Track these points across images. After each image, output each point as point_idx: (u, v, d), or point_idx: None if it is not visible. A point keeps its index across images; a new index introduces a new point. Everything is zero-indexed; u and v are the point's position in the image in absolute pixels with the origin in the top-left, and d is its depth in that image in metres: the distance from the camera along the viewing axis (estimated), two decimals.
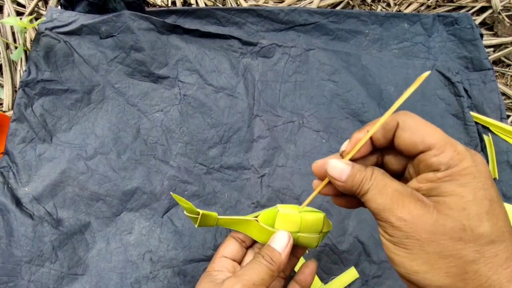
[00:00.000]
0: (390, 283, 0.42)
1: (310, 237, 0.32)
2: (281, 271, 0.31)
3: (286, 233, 0.31)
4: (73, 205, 0.43)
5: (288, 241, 0.30)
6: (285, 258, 0.30)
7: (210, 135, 0.47)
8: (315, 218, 0.31)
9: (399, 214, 0.22)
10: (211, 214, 0.31)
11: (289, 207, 0.32)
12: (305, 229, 0.31)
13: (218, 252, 0.33)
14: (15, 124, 0.46)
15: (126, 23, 0.49)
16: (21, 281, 0.40)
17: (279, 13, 0.55)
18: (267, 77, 0.51)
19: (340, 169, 0.25)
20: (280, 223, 0.31)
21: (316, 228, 0.32)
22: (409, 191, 0.23)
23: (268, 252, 0.30)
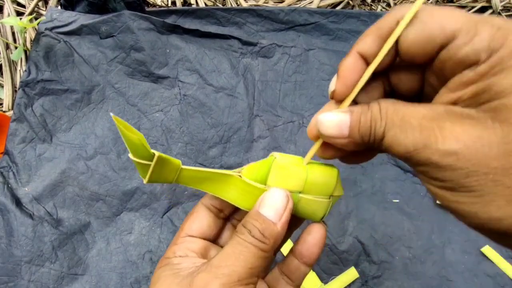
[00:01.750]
0: (389, 283, 0.42)
1: (317, 201, 0.23)
2: (275, 249, 0.22)
3: (283, 191, 0.21)
4: (73, 205, 0.43)
5: (287, 203, 0.21)
6: (283, 230, 0.21)
7: (210, 135, 0.47)
8: (326, 173, 0.23)
9: (443, 147, 0.15)
10: (172, 161, 0.21)
11: (289, 157, 0.23)
12: (311, 189, 0.22)
13: (181, 229, 0.24)
14: (15, 124, 0.46)
15: (126, 23, 0.49)
16: (21, 281, 0.40)
17: (279, 13, 0.55)
18: (267, 77, 0.51)
19: (337, 123, 0.19)
20: (276, 178, 0.22)
21: (327, 188, 0.23)
22: (444, 111, 0.16)
23: (256, 222, 0.20)
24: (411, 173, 0.46)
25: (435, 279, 0.42)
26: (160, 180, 0.22)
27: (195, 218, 0.24)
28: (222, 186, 0.23)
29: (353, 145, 0.19)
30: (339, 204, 0.44)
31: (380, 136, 0.17)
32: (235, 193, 0.23)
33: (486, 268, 0.42)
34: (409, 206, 0.45)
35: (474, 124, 0.15)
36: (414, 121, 0.16)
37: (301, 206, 0.23)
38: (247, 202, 0.22)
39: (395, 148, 0.17)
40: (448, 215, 0.45)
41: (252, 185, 0.22)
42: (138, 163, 0.20)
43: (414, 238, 0.44)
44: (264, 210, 0.21)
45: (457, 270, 0.42)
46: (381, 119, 0.17)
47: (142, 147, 0.20)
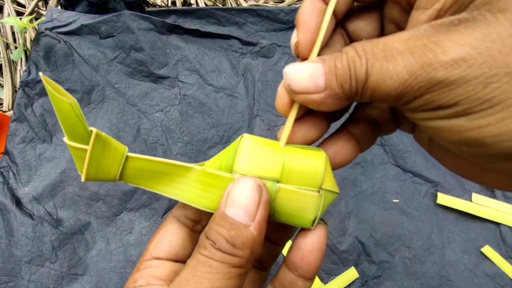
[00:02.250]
0: (389, 283, 0.42)
1: (302, 194, 0.17)
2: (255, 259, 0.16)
3: (252, 180, 0.16)
4: (73, 205, 0.43)
5: (259, 195, 0.16)
6: (259, 233, 0.16)
7: (210, 135, 0.47)
8: (310, 156, 0.17)
9: (447, 57, 0.13)
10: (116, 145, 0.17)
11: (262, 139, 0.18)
12: (291, 177, 0.17)
13: (146, 249, 0.19)
14: (15, 124, 0.46)
15: (126, 23, 0.49)
16: (21, 281, 0.40)
17: (279, 13, 0.55)
18: (267, 77, 0.51)
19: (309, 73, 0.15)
20: (244, 162, 0.17)
21: (313, 177, 0.17)
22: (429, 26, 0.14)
23: (221, 229, 0.15)
24: (411, 173, 0.46)
25: (435, 279, 0.42)
26: (99, 175, 0.17)
27: (163, 235, 0.19)
28: (180, 184, 0.17)
29: (333, 100, 0.15)
30: (339, 204, 0.44)
31: (363, 77, 0.14)
32: (197, 191, 0.17)
33: (486, 268, 0.42)
34: (409, 206, 0.45)
35: (471, 25, 0.13)
36: (400, 46, 0.14)
37: (281, 203, 0.17)
38: (211, 201, 0.17)
39: (384, 85, 0.14)
40: (448, 215, 0.45)
41: (216, 175, 0.17)
42: (74, 148, 0.16)
43: (414, 238, 0.44)
44: (231, 209, 0.15)
45: (457, 270, 0.42)
46: (359, 57, 0.14)
47: (75, 117, 0.15)
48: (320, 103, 0.16)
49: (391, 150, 0.47)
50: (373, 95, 0.14)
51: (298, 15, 0.17)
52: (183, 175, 0.17)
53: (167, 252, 0.18)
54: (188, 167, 0.17)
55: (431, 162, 0.47)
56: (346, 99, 0.15)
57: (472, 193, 0.45)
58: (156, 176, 0.17)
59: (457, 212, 0.45)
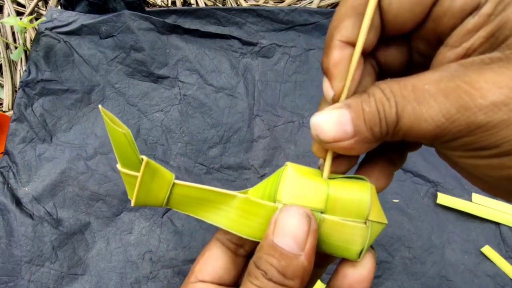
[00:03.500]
0: (389, 283, 0.42)
1: (347, 225, 0.17)
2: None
3: (301, 209, 0.16)
4: (73, 205, 0.43)
5: (308, 224, 0.15)
6: (310, 263, 0.16)
7: (210, 135, 0.47)
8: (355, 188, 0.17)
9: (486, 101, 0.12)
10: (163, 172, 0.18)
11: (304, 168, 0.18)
12: (335, 207, 0.17)
13: (192, 271, 0.19)
14: (15, 124, 0.46)
15: (126, 23, 0.49)
16: (21, 281, 0.40)
17: (279, 13, 0.55)
18: (267, 77, 0.51)
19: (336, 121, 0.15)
20: (289, 192, 0.17)
21: (358, 208, 0.17)
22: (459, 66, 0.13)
23: (272, 259, 0.15)
24: (411, 173, 0.46)
25: (435, 279, 0.42)
26: (148, 200, 0.18)
27: (208, 259, 0.19)
28: (223, 211, 0.18)
29: (362, 145, 0.15)
30: None
31: (394, 120, 0.14)
32: (240, 219, 0.17)
33: (486, 268, 0.42)
34: (409, 206, 0.45)
35: (505, 64, 0.12)
36: (431, 88, 0.13)
37: (327, 233, 0.17)
38: (255, 229, 0.17)
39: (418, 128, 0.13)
40: (448, 215, 0.45)
41: (259, 204, 0.17)
42: (126, 175, 0.17)
43: (414, 238, 0.43)
44: (281, 239, 0.15)
45: (457, 270, 0.42)
46: (387, 99, 0.14)
47: (128, 146, 0.17)
48: (350, 148, 0.15)
49: None
50: (406, 136, 0.14)
51: (328, 64, 0.16)
52: (226, 203, 0.18)
53: (212, 275, 0.19)
54: (232, 195, 0.18)
55: (431, 163, 0.47)
56: (376, 141, 0.15)
57: (472, 193, 0.45)
58: (200, 202, 0.18)
59: (457, 212, 0.45)
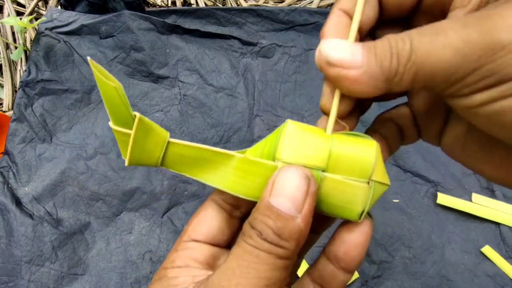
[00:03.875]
0: (389, 283, 0.42)
1: (349, 184, 0.16)
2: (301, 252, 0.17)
3: (300, 169, 0.15)
4: (73, 205, 0.43)
5: (307, 186, 0.15)
6: (306, 226, 0.15)
7: (210, 135, 0.47)
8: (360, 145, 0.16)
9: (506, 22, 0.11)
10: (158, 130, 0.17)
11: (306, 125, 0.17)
12: (338, 166, 0.16)
13: (185, 230, 0.19)
14: (15, 124, 0.46)
15: (126, 23, 0.49)
16: (21, 281, 0.40)
17: (279, 13, 0.55)
18: (267, 77, 0.51)
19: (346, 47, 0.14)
20: (289, 150, 0.16)
21: (362, 167, 0.16)
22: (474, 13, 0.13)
23: (268, 219, 0.15)
24: (411, 173, 0.46)
25: (435, 279, 0.42)
26: (142, 159, 0.17)
27: (202, 218, 0.19)
28: (220, 171, 0.17)
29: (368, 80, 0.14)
30: None
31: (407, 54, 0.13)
32: (238, 180, 0.17)
33: (486, 268, 0.42)
34: (409, 206, 0.45)
35: None
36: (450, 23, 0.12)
37: (327, 192, 0.16)
38: (254, 189, 0.16)
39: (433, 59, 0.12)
40: (448, 215, 0.45)
41: (257, 163, 0.16)
42: (119, 133, 0.16)
43: (414, 238, 0.44)
44: (277, 199, 0.15)
45: (457, 270, 0.42)
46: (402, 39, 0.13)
47: (120, 101, 0.15)
48: (355, 80, 0.14)
49: None
50: (419, 72, 0.13)
51: (324, 28, 0.16)
52: (223, 163, 0.17)
53: (205, 235, 0.18)
54: (229, 154, 0.17)
55: (431, 162, 0.47)
56: (385, 81, 0.14)
57: (472, 193, 0.45)
58: (197, 162, 0.17)
59: (457, 212, 0.45)
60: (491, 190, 0.46)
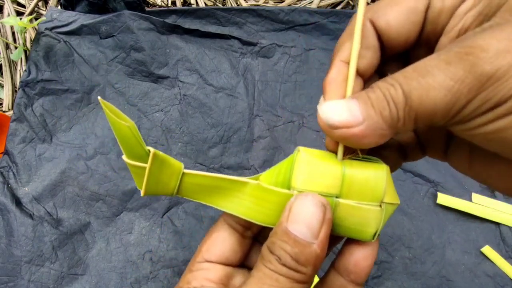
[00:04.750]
0: (389, 283, 0.42)
1: (362, 209, 0.17)
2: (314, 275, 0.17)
3: (317, 197, 0.16)
4: (73, 205, 0.43)
5: (324, 212, 0.16)
6: (323, 251, 0.16)
7: (210, 135, 0.47)
8: (371, 170, 0.17)
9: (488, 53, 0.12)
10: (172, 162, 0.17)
11: (317, 151, 0.18)
12: (351, 191, 0.17)
13: (199, 251, 0.19)
14: (15, 124, 0.46)
15: (126, 23, 0.49)
16: (21, 281, 0.40)
17: (279, 13, 0.55)
18: (267, 77, 0.51)
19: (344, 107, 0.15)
20: (303, 178, 0.17)
21: (373, 191, 0.17)
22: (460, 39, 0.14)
23: (285, 245, 0.15)
24: (411, 173, 0.46)
25: (435, 279, 0.42)
26: (158, 190, 0.18)
27: (215, 240, 0.19)
28: (235, 198, 0.18)
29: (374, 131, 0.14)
30: None
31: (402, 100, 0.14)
32: (253, 206, 0.17)
33: (486, 268, 0.42)
34: (409, 206, 0.45)
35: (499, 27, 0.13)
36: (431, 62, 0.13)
37: (341, 217, 0.17)
38: (269, 216, 0.17)
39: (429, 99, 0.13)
40: (448, 215, 0.45)
41: (273, 191, 0.17)
42: (133, 166, 0.17)
43: (414, 238, 0.44)
44: (295, 226, 0.15)
45: (457, 270, 0.42)
46: (391, 84, 0.14)
47: (134, 139, 0.16)
48: (362, 136, 0.14)
49: None
50: (419, 115, 0.14)
51: (325, 81, 0.17)
52: (238, 189, 0.18)
53: (219, 256, 0.19)
54: (243, 181, 0.18)
55: (431, 162, 0.47)
56: (389, 129, 0.14)
57: (472, 193, 0.45)
58: (212, 190, 0.18)
59: (457, 212, 0.45)
60: (491, 190, 0.46)
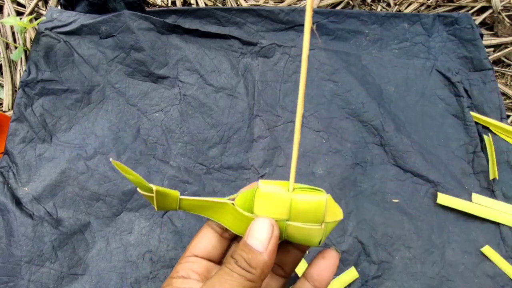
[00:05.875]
0: (389, 283, 0.42)
1: (306, 228, 0.22)
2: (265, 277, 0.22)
3: (268, 220, 0.22)
4: (73, 205, 0.43)
5: (271, 232, 0.21)
6: (270, 259, 0.21)
7: (210, 135, 0.47)
8: (312, 202, 0.22)
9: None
10: (171, 192, 0.24)
11: (275, 184, 0.23)
12: (297, 216, 0.22)
13: (187, 248, 0.25)
14: (15, 124, 0.46)
15: (126, 23, 0.49)
16: (21, 281, 0.40)
17: (279, 13, 0.55)
18: (267, 77, 0.51)
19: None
20: (261, 206, 0.22)
21: (315, 216, 0.22)
22: None
23: (243, 253, 0.21)
24: (411, 173, 0.46)
25: (435, 279, 0.42)
26: (166, 207, 0.24)
27: (200, 238, 0.25)
28: (221, 213, 0.24)
29: None
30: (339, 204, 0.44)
31: None
32: (231, 220, 0.24)
33: (486, 268, 0.42)
34: (409, 206, 0.45)
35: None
36: None
37: (292, 233, 0.22)
38: (242, 228, 0.23)
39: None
40: (448, 215, 0.45)
41: (241, 213, 0.23)
42: (144, 195, 0.24)
43: (414, 238, 0.44)
44: (251, 240, 0.21)
45: (457, 270, 0.42)
46: None
47: (142, 183, 0.23)
48: None
49: (391, 150, 0.47)
50: None
51: None
52: (221, 207, 0.24)
53: (202, 251, 0.25)
54: (224, 203, 0.24)
55: (431, 162, 0.47)
56: None
57: (472, 193, 0.45)
58: (203, 207, 0.24)
59: (457, 212, 0.45)
60: (491, 190, 0.46)
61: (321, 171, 0.46)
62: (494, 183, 0.46)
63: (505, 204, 0.45)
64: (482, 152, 0.48)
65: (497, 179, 0.47)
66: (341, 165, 0.47)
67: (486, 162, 0.47)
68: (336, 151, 0.47)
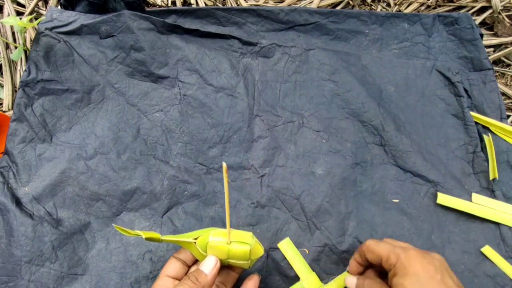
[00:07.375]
0: None
1: (240, 263, 0.35)
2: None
3: (214, 257, 0.35)
4: (73, 205, 0.43)
5: (215, 264, 0.34)
6: (211, 279, 0.33)
7: (210, 135, 0.47)
8: (241, 250, 0.35)
9: None
10: (153, 235, 0.35)
11: (221, 235, 0.35)
12: (233, 257, 0.35)
13: (162, 271, 0.36)
14: (15, 124, 0.46)
15: (126, 23, 0.49)
16: (21, 281, 0.40)
17: (279, 13, 0.55)
18: (267, 77, 0.51)
19: (351, 282, 0.39)
20: (211, 250, 0.35)
21: (244, 257, 0.35)
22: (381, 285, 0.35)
23: (195, 273, 0.33)
24: (411, 173, 0.46)
25: None
26: (155, 242, 0.37)
27: (169, 265, 0.37)
28: (189, 247, 0.36)
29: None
30: (339, 204, 0.44)
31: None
32: (194, 251, 0.36)
33: (486, 268, 0.42)
34: (409, 206, 0.45)
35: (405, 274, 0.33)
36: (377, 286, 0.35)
37: (231, 263, 0.36)
38: (201, 258, 0.36)
39: None
40: (448, 215, 0.45)
41: (200, 252, 0.35)
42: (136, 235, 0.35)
43: (414, 238, 0.44)
44: (203, 267, 0.34)
45: (457, 270, 0.42)
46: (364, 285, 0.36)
47: (136, 233, 0.34)
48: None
49: (391, 150, 0.47)
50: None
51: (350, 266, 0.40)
52: (190, 244, 0.35)
53: (171, 273, 0.36)
54: (191, 242, 0.35)
55: (431, 162, 0.47)
56: None
57: (472, 193, 0.45)
58: (178, 242, 0.36)
59: (457, 212, 0.45)
60: (491, 190, 0.46)
61: (321, 171, 0.46)
62: (494, 183, 0.46)
63: (505, 204, 0.45)
64: (482, 152, 0.48)
65: (497, 179, 0.47)
66: (341, 165, 0.47)
67: (486, 162, 0.47)
68: (336, 151, 0.47)
